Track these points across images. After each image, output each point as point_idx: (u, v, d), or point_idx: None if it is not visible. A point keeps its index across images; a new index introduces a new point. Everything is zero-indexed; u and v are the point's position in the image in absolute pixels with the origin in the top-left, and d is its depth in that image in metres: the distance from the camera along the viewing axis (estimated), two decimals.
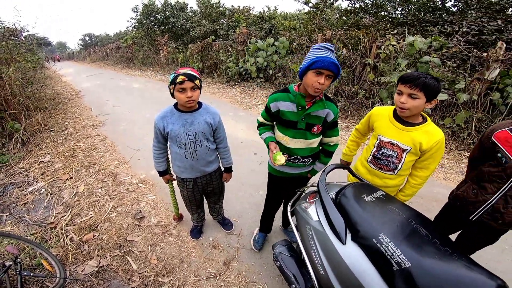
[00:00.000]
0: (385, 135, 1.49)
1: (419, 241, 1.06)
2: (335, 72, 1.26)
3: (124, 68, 16.40)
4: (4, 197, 2.96)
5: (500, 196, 1.28)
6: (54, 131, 4.95)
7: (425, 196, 2.81)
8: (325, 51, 1.27)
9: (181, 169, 1.77)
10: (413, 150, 1.41)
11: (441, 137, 1.37)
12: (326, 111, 1.45)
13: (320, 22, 8.02)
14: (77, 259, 2.11)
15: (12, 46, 5.89)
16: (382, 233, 1.09)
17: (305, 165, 1.65)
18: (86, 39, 48.12)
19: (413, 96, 1.31)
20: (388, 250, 1.03)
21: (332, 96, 5.58)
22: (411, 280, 0.95)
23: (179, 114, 1.62)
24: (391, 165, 1.51)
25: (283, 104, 1.47)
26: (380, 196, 1.32)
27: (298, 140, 1.53)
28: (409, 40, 4.28)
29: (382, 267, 1.04)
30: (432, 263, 0.96)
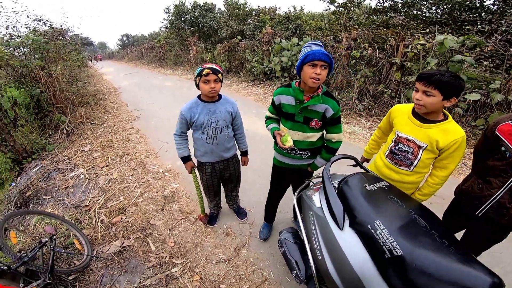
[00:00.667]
0: (402, 131, 1.51)
1: (415, 231, 1.05)
2: (328, 62, 1.36)
3: (157, 67, 17.29)
4: (48, 181, 3.37)
5: (505, 191, 1.25)
6: (94, 124, 5.50)
7: (447, 196, 2.69)
8: (314, 47, 1.39)
9: (201, 153, 1.96)
10: (429, 147, 1.40)
11: (459, 137, 1.33)
12: (324, 107, 1.51)
13: (347, 21, 7.88)
14: (104, 240, 2.35)
15: (60, 46, 6.48)
16: (377, 220, 1.09)
17: (302, 158, 1.73)
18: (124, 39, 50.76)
19: (428, 94, 1.30)
20: (382, 237, 1.03)
21: (357, 95, 5.51)
22: (402, 268, 0.94)
23: (203, 104, 1.81)
24: (407, 161, 1.51)
25: (284, 97, 1.61)
26: (383, 186, 1.32)
27: (296, 132, 1.63)
28: (438, 39, 4.10)
29: (375, 254, 1.04)
30: (426, 253, 0.94)
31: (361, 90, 5.55)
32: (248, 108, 5.98)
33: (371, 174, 1.51)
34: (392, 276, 0.97)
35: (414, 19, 7.17)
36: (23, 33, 5.77)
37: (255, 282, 1.92)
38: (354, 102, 5.42)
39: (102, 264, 2.12)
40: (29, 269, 1.71)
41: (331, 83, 6.35)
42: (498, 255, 2.03)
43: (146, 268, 2.08)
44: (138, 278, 2.00)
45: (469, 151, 3.71)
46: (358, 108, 5.31)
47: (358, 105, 5.34)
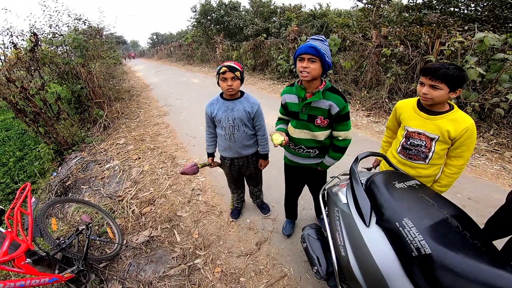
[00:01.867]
0: (411, 126, 1.50)
1: (446, 231, 1.01)
2: (315, 54, 1.33)
3: (185, 64, 17.77)
4: (86, 172, 3.63)
5: None
6: (128, 118, 5.84)
7: (482, 200, 2.57)
8: (312, 41, 1.39)
9: (221, 148, 2.05)
10: (441, 138, 1.40)
11: (469, 124, 1.34)
12: (327, 103, 1.47)
13: (377, 18, 7.57)
14: (134, 229, 2.48)
15: (98, 44, 6.88)
16: (406, 217, 1.06)
17: (310, 156, 1.71)
18: (154, 38, 52.80)
19: (435, 87, 1.31)
20: (410, 235, 1.00)
21: (387, 94, 5.31)
22: (429, 267, 0.91)
23: (223, 102, 1.88)
24: (421, 155, 1.50)
25: (288, 96, 1.63)
26: (414, 184, 1.29)
27: (301, 131, 1.63)
28: (478, 37, 3.83)
29: (401, 252, 1.01)
30: (455, 253, 0.91)
31: (391, 89, 5.34)
32: (274, 106, 5.99)
33: (401, 172, 1.47)
34: (417, 275, 0.95)
35: (451, 16, 6.73)
36: (64, 32, 6.17)
37: (275, 277, 1.95)
38: (384, 101, 5.23)
39: (131, 253, 2.23)
40: (65, 256, 1.78)
41: (359, 81, 6.18)
42: None
43: (170, 258, 2.17)
44: (162, 267, 2.09)
45: (510, 154, 3.45)
46: (388, 106, 5.11)
47: (389, 104, 5.15)
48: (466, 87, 4.23)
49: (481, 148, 3.65)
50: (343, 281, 1.37)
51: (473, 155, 3.53)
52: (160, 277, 2.02)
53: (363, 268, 1.16)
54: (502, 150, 3.56)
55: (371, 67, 5.78)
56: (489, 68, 3.93)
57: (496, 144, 3.69)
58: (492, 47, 3.91)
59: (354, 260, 1.19)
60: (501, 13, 6.23)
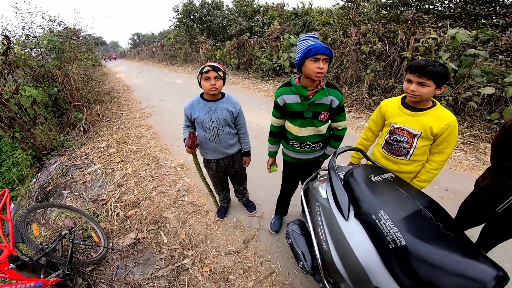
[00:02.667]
0: (396, 122, 1.53)
1: (420, 222, 1.05)
2: (329, 55, 1.36)
3: (168, 65, 17.47)
4: (67, 176, 3.53)
5: None
6: (109, 121, 5.69)
7: (459, 191, 2.69)
8: (312, 40, 1.39)
9: (206, 151, 2.01)
10: (424, 134, 1.44)
11: (451, 120, 1.37)
12: (329, 98, 1.53)
13: (357, 16, 7.77)
14: (119, 232, 2.45)
15: (75, 46, 6.68)
16: (382, 210, 1.10)
17: (316, 150, 1.76)
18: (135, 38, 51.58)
19: (423, 84, 1.34)
20: (386, 227, 1.04)
21: (367, 90, 5.46)
22: (405, 259, 0.95)
23: (204, 103, 1.84)
24: (403, 150, 1.54)
25: (288, 97, 1.59)
26: (389, 177, 1.33)
27: (307, 128, 1.64)
28: (450, 33, 4.02)
29: (379, 244, 1.04)
30: (429, 244, 0.95)
31: (371, 85, 5.50)
32: (258, 104, 6.05)
33: (377, 165, 1.52)
34: (395, 267, 0.98)
35: (426, 13, 7.02)
36: (38, 34, 5.95)
37: (263, 274, 1.97)
38: (364, 97, 5.37)
39: (117, 256, 2.21)
40: (50, 261, 1.78)
41: (340, 78, 6.31)
42: (510, 251, 2.01)
43: (158, 259, 2.16)
44: (150, 269, 2.08)
45: (484, 145, 3.64)
46: (368, 102, 5.27)
47: (369, 100, 5.29)
48: None
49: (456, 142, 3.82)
50: (328, 275, 1.39)
51: None
52: (148, 279, 2.01)
53: (344, 262, 1.18)
54: (476, 142, 3.75)
55: (351, 64, 5.92)
56: (461, 63, 4.13)
57: (470, 136, 3.89)
58: (464, 43, 4.11)
59: (336, 254, 1.22)
60: (473, 10, 6.56)
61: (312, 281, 1.88)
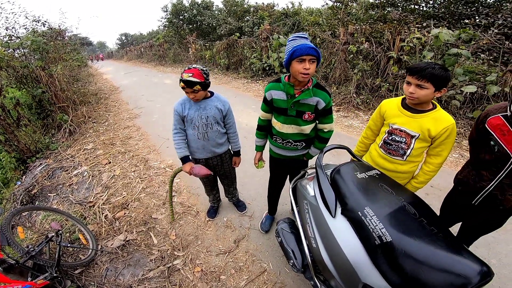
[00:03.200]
0: (395, 123, 1.54)
1: (404, 218, 1.06)
2: (315, 55, 1.36)
3: (157, 65, 17.27)
4: (53, 179, 3.44)
5: (496, 184, 1.27)
6: (96, 122, 5.58)
7: (444, 188, 2.76)
8: (299, 40, 1.40)
9: (194, 149, 1.98)
10: (421, 136, 1.44)
11: (450, 124, 1.37)
12: (315, 99, 1.53)
13: (345, 16, 7.89)
14: (108, 234, 2.42)
15: (60, 46, 6.50)
16: (367, 206, 1.11)
17: (297, 149, 1.77)
18: (122, 39, 50.57)
19: (421, 87, 1.34)
20: (371, 224, 1.05)
21: (355, 89, 5.55)
22: (391, 255, 0.96)
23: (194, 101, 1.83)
24: (400, 151, 1.55)
25: (275, 92, 1.61)
26: (374, 174, 1.34)
27: (290, 126, 1.66)
28: (434, 33, 4.14)
29: (365, 240, 1.06)
30: (414, 240, 0.96)
31: (359, 84, 5.59)
32: (248, 104, 6.05)
33: (363, 162, 1.54)
34: (382, 263, 0.99)
35: (412, 13, 7.21)
36: (22, 34, 5.79)
37: (255, 273, 1.97)
38: (352, 96, 5.46)
39: (107, 258, 2.19)
40: (37, 264, 1.76)
41: (329, 78, 6.39)
42: (495, 247, 2.07)
43: (149, 261, 2.14)
44: (141, 270, 2.07)
45: (467, 143, 3.76)
46: (356, 101, 5.35)
47: (356, 99, 5.38)
48: None
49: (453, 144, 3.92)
50: (318, 272, 1.41)
51: None
52: (139, 280, 1.99)
53: (333, 259, 1.19)
54: (459, 139, 3.86)
55: (340, 63, 6.01)
56: (445, 62, 4.24)
57: None
58: (447, 42, 4.23)
59: (325, 251, 1.23)
60: (456, 10, 6.76)
61: (303, 279, 1.90)
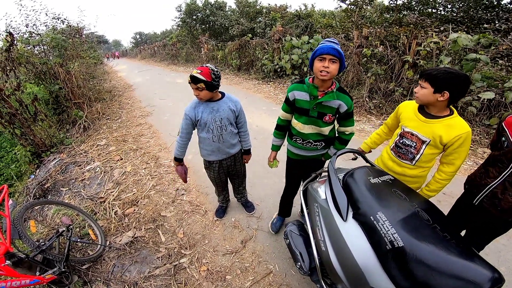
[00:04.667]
0: (408, 126, 1.53)
1: (417, 224, 1.05)
2: (337, 55, 1.38)
3: (170, 64, 17.50)
4: (66, 174, 3.53)
5: (500, 181, 1.27)
6: (110, 119, 5.70)
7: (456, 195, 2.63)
8: (327, 43, 1.43)
9: (208, 152, 1.98)
10: (432, 142, 1.42)
11: (464, 132, 1.33)
12: (338, 102, 1.56)
13: (359, 19, 7.79)
14: (117, 231, 2.44)
15: (77, 44, 6.70)
16: (380, 211, 1.10)
17: (317, 148, 1.79)
18: (137, 37, 51.51)
19: (421, 86, 1.39)
20: (383, 228, 1.04)
21: (367, 93, 5.47)
22: (402, 260, 0.95)
23: (206, 104, 1.82)
24: (409, 155, 1.54)
25: (298, 93, 1.63)
26: (388, 179, 1.34)
27: (310, 126, 1.68)
28: (452, 37, 4.03)
29: (377, 245, 1.05)
30: (426, 246, 0.95)
31: (372, 88, 5.51)
32: (258, 105, 6.05)
33: (376, 167, 1.53)
34: (392, 268, 0.98)
35: (429, 17, 7.05)
36: (42, 31, 5.96)
37: (260, 274, 1.97)
38: (365, 100, 5.38)
39: (114, 254, 2.21)
40: (46, 258, 1.77)
41: (341, 81, 6.33)
42: (505, 254, 2.01)
43: (155, 258, 2.16)
44: (147, 268, 2.08)
45: (483, 150, 3.64)
46: (368, 106, 5.27)
47: (369, 103, 5.30)
48: None
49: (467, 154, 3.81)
50: (325, 275, 1.40)
51: None
52: (145, 277, 2.00)
53: (342, 262, 1.19)
54: (474, 147, 3.75)
55: (353, 67, 5.93)
56: (462, 68, 4.13)
57: None
58: (465, 47, 4.12)
59: (334, 255, 1.22)
60: (475, 14, 6.58)
61: (309, 281, 1.88)
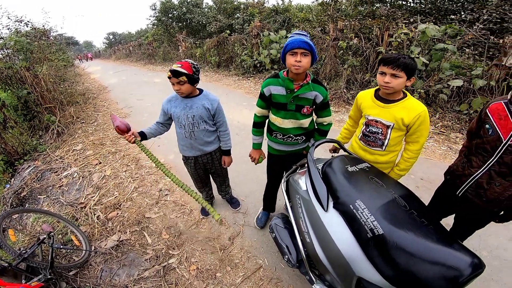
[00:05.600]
0: (370, 114, 1.58)
1: (395, 211, 1.06)
2: (308, 49, 1.39)
3: (146, 64, 17.02)
4: (42, 181, 3.37)
5: (485, 171, 1.25)
6: (85, 122, 5.47)
7: (433, 180, 2.82)
8: (296, 36, 1.43)
9: (183, 147, 2.00)
10: (396, 125, 1.48)
11: (421, 111, 1.41)
12: (314, 93, 1.58)
13: (334, 12, 7.94)
14: (101, 235, 2.39)
15: (44, 46, 6.36)
16: (358, 199, 1.12)
17: (298, 143, 1.79)
18: (110, 38, 49.76)
19: (396, 76, 1.38)
20: (363, 217, 1.06)
21: (345, 84, 5.61)
22: (384, 248, 0.96)
23: (181, 99, 1.83)
24: (378, 141, 1.59)
25: (274, 88, 1.62)
26: (365, 167, 1.37)
27: (290, 120, 1.68)
28: (421, 28, 4.21)
29: (358, 233, 1.06)
30: (405, 232, 0.97)
31: (349, 79, 5.66)
32: (239, 101, 6.04)
33: (353, 156, 1.57)
34: (375, 256, 1.00)
35: (399, 9, 7.31)
36: (5, 35, 5.63)
37: (250, 270, 1.98)
38: (342, 91, 5.52)
39: (101, 259, 2.16)
40: (30, 266, 1.75)
41: (320, 73, 6.44)
42: (486, 239, 2.10)
43: (143, 260, 2.13)
44: (136, 270, 2.05)
45: (455, 135, 3.85)
46: (346, 96, 5.41)
47: (347, 94, 5.44)
48: None
49: (429, 131, 4.01)
50: (313, 267, 1.41)
51: None
52: (135, 280, 1.98)
53: (327, 253, 1.20)
54: (447, 132, 3.96)
55: (330, 59, 6.05)
56: (432, 57, 4.34)
57: (442, 126, 4.11)
58: (434, 37, 4.32)
59: (319, 246, 1.24)
60: (442, 5, 6.89)
61: (299, 274, 1.90)
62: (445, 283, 0.85)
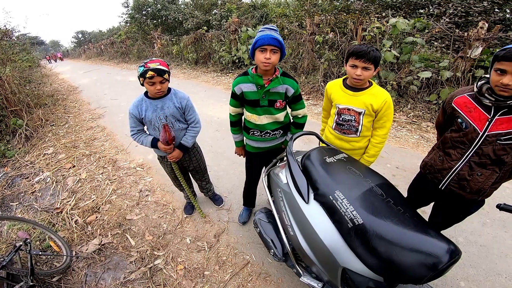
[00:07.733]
0: (341, 103, 1.64)
1: (373, 200, 1.08)
2: (277, 45, 1.40)
3: (120, 63, 16.40)
4: (13, 188, 3.18)
5: (464, 163, 1.25)
6: (55, 125, 5.18)
7: (408, 168, 2.95)
8: (265, 31, 1.43)
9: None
10: (367, 111, 1.56)
11: (386, 97, 1.52)
12: (284, 87, 1.59)
13: (311, 7, 8.04)
14: (82, 240, 2.31)
15: (6, 47, 6.03)
16: (337, 190, 1.13)
17: (276, 137, 1.81)
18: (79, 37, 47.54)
19: (367, 69, 1.45)
20: (343, 207, 1.07)
21: (322, 77, 5.73)
22: (364, 237, 0.97)
23: (150, 101, 1.75)
24: (352, 128, 1.65)
25: (245, 86, 1.61)
26: (342, 158, 1.39)
27: (265, 116, 1.68)
28: (391, 22, 4.38)
29: (339, 224, 1.07)
30: (384, 221, 0.98)
31: (326, 73, 5.78)
32: (219, 97, 6.00)
33: (331, 147, 1.60)
34: (357, 246, 1.01)
35: (372, 3, 7.52)
36: None
37: (238, 266, 1.98)
38: (320, 85, 5.64)
39: (84, 264, 2.10)
40: (10, 273, 1.70)
41: (298, 68, 6.51)
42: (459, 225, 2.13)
43: (128, 263, 2.08)
44: (122, 273, 2.00)
45: (426, 124, 4.06)
46: (324, 89, 5.51)
47: (324, 87, 5.55)
48: (385, 68, 4.81)
49: (401, 121, 4.21)
50: (299, 259, 1.42)
51: (395, 127, 4.06)
52: (122, 283, 1.93)
53: (311, 245, 1.21)
54: (419, 122, 4.16)
55: (307, 54, 6.14)
56: (402, 50, 4.52)
57: (414, 116, 4.31)
58: (404, 31, 4.50)
59: (302, 238, 1.24)
60: (412, 0, 7.16)
61: (286, 267, 1.92)
62: (426, 270, 0.87)
